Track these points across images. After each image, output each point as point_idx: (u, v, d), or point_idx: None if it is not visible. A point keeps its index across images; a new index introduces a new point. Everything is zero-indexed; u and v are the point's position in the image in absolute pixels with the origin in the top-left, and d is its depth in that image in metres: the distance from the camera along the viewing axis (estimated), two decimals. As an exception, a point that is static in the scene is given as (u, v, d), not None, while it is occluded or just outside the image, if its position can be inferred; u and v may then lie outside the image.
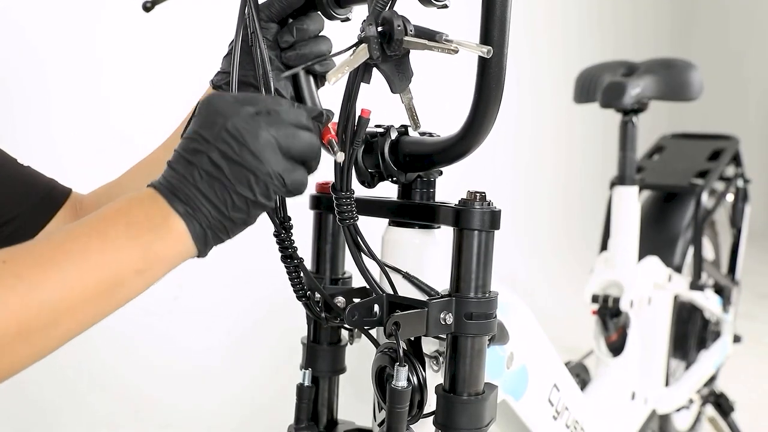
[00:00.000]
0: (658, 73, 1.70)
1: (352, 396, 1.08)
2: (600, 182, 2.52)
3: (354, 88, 0.71)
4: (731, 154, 2.07)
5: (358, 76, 0.71)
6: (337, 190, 0.75)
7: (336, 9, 0.82)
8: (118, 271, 0.61)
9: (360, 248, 0.77)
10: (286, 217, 0.79)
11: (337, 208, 0.75)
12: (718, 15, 6.57)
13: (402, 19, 0.67)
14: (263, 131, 0.63)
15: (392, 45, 0.67)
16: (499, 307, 0.77)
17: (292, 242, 0.80)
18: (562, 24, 4.29)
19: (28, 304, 0.57)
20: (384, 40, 0.67)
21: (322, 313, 0.84)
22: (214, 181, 0.62)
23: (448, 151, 0.75)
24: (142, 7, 0.73)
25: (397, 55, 0.69)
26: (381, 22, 0.67)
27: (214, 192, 0.63)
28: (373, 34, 0.67)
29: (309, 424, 0.91)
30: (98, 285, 0.60)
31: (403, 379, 0.74)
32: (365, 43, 0.67)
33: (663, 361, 1.78)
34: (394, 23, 0.66)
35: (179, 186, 0.63)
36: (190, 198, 0.63)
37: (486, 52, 0.65)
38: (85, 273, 0.59)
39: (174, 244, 0.62)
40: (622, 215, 1.71)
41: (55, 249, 0.59)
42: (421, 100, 0.82)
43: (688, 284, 1.86)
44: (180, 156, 0.64)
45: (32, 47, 1.75)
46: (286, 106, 0.65)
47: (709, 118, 5.35)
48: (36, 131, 1.78)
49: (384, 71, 0.70)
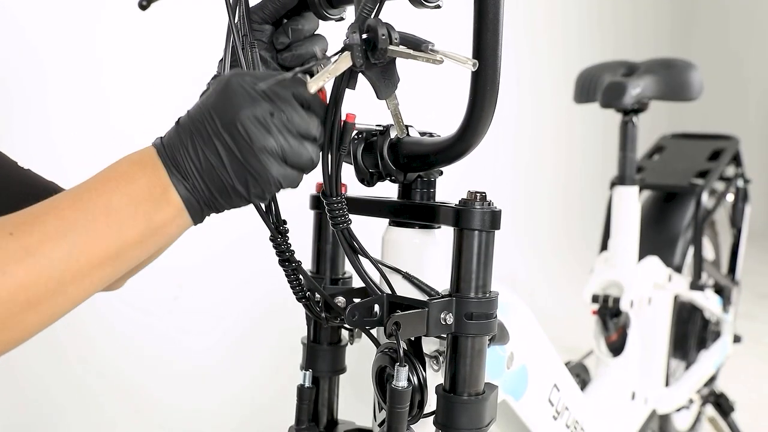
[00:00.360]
0: (658, 73, 1.70)
1: (352, 396, 1.08)
2: (600, 182, 2.52)
3: (339, 94, 0.71)
4: (731, 154, 2.07)
5: (343, 81, 0.71)
6: (327, 195, 0.75)
7: (329, 9, 0.82)
8: (122, 242, 0.63)
9: (356, 251, 0.77)
10: (280, 221, 0.79)
11: (329, 213, 0.75)
12: (718, 15, 6.58)
13: (387, 27, 0.66)
14: (272, 139, 0.64)
15: (376, 53, 0.66)
16: (500, 307, 0.77)
17: (288, 246, 0.79)
18: (562, 24, 4.29)
19: (36, 275, 0.59)
20: (368, 48, 0.67)
21: (323, 314, 0.84)
22: (214, 170, 0.65)
23: (446, 151, 0.74)
24: (138, 5, 0.72)
25: (382, 63, 0.68)
26: (365, 29, 0.67)
27: (212, 179, 0.65)
28: (357, 41, 0.66)
29: (309, 425, 0.91)
30: (103, 254, 0.63)
31: (404, 379, 0.74)
32: (348, 51, 0.67)
33: (663, 361, 1.78)
34: (378, 32, 0.66)
35: (181, 161, 0.65)
36: (188, 176, 0.65)
37: (472, 65, 0.65)
38: (90, 243, 0.62)
39: (172, 216, 0.66)
40: (623, 215, 1.71)
41: (61, 219, 0.62)
42: (421, 100, 0.82)
43: (689, 284, 1.86)
44: (188, 126, 0.66)
45: (32, 47, 1.75)
46: (301, 114, 0.66)
47: (709, 118, 5.36)
48: (36, 133, 1.78)
49: (369, 78, 0.70)
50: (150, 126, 1.05)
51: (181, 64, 2.01)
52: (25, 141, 1.75)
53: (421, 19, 0.69)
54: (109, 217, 0.63)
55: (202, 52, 1.47)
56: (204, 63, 1.18)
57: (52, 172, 1.02)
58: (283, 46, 0.82)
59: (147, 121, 1.93)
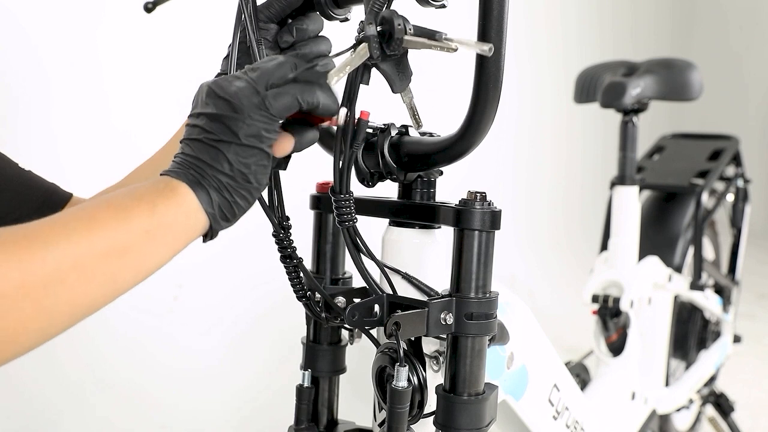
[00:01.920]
0: (658, 73, 1.70)
1: (353, 396, 1.08)
2: (600, 182, 2.52)
3: (353, 90, 0.71)
4: (731, 154, 2.07)
5: (357, 77, 0.71)
6: (336, 192, 0.75)
7: (334, 9, 0.82)
8: (127, 230, 0.60)
9: (359, 249, 0.77)
10: (284, 216, 0.79)
11: (336, 210, 0.75)
12: (718, 15, 6.58)
13: (402, 18, 0.67)
14: (263, 173, 0.66)
15: (392, 44, 0.67)
16: (500, 307, 0.77)
17: (291, 242, 0.80)
18: (562, 24, 4.29)
19: (31, 258, 0.55)
20: (383, 40, 0.67)
21: (323, 314, 0.84)
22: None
23: (446, 150, 0.74)
24: (144, 7, 0.73)
25: (396, 55, 0.69)
26: (380, 21, 0.67)
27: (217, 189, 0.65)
28: (373, 33, 0.67)
29: (309, 425, 0.91)
30: (106, 242, 0.59)
31: (404, 380, 0.74)
32: (365, 43, 0.67)
33: (663, 361, 1.78)
34: (394, 22, 0.66)
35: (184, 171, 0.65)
36: (190, 166, 0.65)
37: (488, 50, 0.65)
38: (92, 231, 0.59)
39: (178, 204, 0.63)
40: (623, 215, 1.71)
41: (64, 216, 0.60)
42: (421, 100, 0.82)
43: (688, 284, 1.86)
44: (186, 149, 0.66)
45: (33, 47, 1.75)
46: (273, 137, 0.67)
47: (709, 118, 5.36)
48: (37, 134, 1.78)
49: (384, 71, 0.70)
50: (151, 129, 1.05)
51: (182, 66, 2.01)
52: (27, 143, 1.75)
53: (422, 20, 0.69)
54: (110, 207, 0.61)
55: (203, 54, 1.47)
56: (206, 64, 1.18)
57: (53, 175, 1.02)
58: (287, 45, 0.83)
59: (148, 123, 1.94)
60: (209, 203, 0.64)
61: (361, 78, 0.71)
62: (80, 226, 0.59)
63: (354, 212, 0.76)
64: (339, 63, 0.69)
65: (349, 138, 0.72)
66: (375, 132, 0.79)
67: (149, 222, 0.61)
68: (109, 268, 0.59)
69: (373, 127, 0.79)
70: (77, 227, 0.58)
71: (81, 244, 0.58)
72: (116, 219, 0.60)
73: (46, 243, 0.56)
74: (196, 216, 0.64)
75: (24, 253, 0.55)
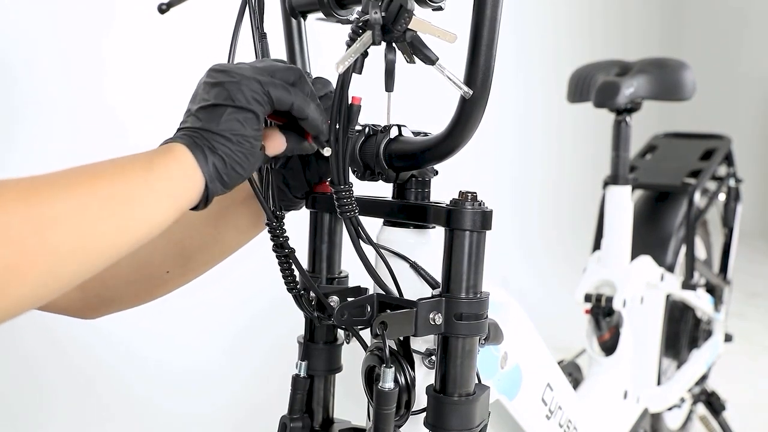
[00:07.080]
0: (651, 73, 1.71)
1: (349, 395, 1.08)
2: (593, 182, 2.53)
3: (345, 78, 0.71)
4: (723, 154, 2.08)
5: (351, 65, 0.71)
6: (335, 184, 0.75)
7: (337, 10, 0.83)
8: (127, 180, 0.62)
9: (361, 238, 0.77)
10: (277, 206, 0.80)
11: (337, 201, 0.75)
12: (708, 14, 6.60)
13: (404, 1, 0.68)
14: (256, 138, 0.70)
15: (398, 24, 0.67)
16: (493, 307, 0.77)
17: (283, 231, 0.80)
18: (553, 23, 4.30)
19: (37, 195, 0.56)
20: (389, 21, 0.68)
21: (314, 312, 0.84)
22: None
23: (433, 149, 0.74)
24: (158, 8, 0.73)
25: (401, 39, 0.69)
26: (385, 6, 0.68)
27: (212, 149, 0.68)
28: (378, 19, 0.68)
29: (302, 416, 0.90)
30: (108, 190, 0.60)
31: (390, 381, 0.73)
32: (369, 30, 0.68)
33: (655, 360, 1.79)
34: (398, 2, 0.67)
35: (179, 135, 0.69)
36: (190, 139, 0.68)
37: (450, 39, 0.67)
38: (95, 178, 0.61)
39: (175, 160, 0.65)
40: (615, 215, 1.71)
41: (66, 169, 0.61)
42: (418, 99, 0.82)
43: (680, 283, 1.86)
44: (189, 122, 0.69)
45: (33, 47, 1.74)
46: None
47: (701, 117, 5.37)
48: (37, 134, 1.77)
49: (404, 48, 0.71)
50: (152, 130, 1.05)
51: (183, 66, 2.00)
52: (27, 144, 1.74)
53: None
54: (109, 162, 0.63)
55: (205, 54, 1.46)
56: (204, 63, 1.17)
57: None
58: None
59: (149, 124, 1.93)
60: (205, 161, 0.66)
61: (354, 66, 0.71)
62: (83, 175, 0.61)
63: (354, 202, 0.75)
64: (345, 52, 0.69)
65: (343, 125, 0.72)
66: (376, 130, 0.80)
67: (148, 174, 0.63)
68: (113, 213, 0.60)
69: (374, 129, 0.80)
70: (80, 177, 0.60)
71: (84, 187, 0.59)
72: (115, 172, 0.62)
73: (52, 185, 0.58)
74: (194, 174, 0.66)
75: (29, 193, 0.56)
